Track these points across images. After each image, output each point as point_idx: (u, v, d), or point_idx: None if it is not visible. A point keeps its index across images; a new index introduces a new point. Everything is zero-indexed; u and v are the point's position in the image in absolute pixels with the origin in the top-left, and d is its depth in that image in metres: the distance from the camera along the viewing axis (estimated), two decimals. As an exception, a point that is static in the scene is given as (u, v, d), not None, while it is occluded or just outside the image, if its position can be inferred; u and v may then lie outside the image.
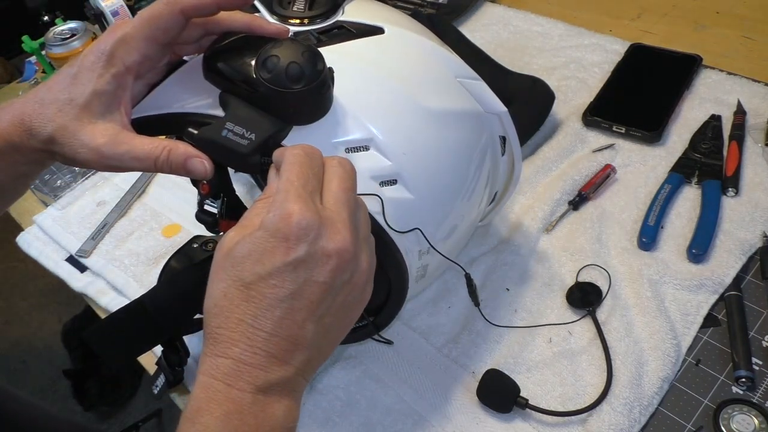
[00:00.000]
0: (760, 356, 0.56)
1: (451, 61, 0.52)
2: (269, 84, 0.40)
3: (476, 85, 0.53)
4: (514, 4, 1.03)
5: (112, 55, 0.42)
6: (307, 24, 0.48)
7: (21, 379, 1.69)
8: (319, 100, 0.42)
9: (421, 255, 0.50)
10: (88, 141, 0.41)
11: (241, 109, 0.42)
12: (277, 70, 0.40)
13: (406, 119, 0.46)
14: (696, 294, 0.61)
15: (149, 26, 0.43)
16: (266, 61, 0.40)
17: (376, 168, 0.44)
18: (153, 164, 0.42)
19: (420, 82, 0.48)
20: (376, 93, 0.46)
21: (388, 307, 0.52)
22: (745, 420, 0.52)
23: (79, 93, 0.42)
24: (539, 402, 0.55)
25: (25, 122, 0.42)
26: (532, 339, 0.60)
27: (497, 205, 0.64)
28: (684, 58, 0.85)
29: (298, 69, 0.40)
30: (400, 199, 0.46)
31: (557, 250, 0.67)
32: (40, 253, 0.79)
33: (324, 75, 0.41)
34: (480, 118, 0.53)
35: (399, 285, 0.50)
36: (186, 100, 0.45)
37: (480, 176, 0.54)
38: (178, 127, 0.44)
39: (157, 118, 0.45)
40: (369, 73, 0.47)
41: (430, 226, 0.49)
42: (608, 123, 0.78)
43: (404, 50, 0.50)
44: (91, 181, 0.87)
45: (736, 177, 0.70)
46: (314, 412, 0.58)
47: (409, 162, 0.46)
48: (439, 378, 0.59)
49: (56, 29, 0.95)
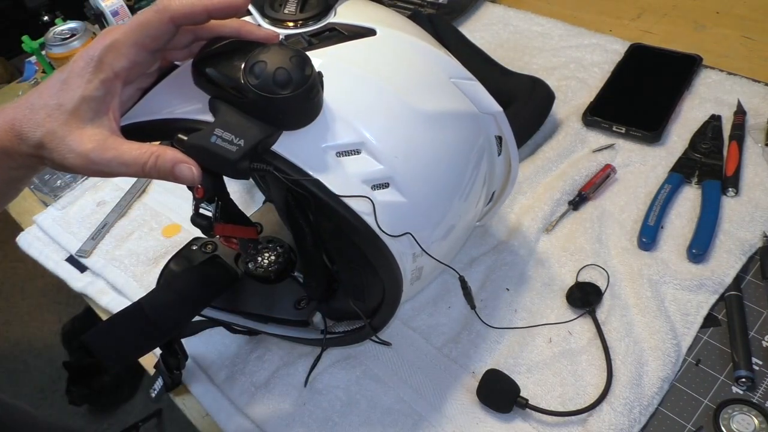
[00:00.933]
0: (760, 356, 0.56)
1: (445, 62, 0.52)
2: (257, 90, 0.40)
3: (471, 86, 0.53)
4: (514, 4, 1.03)
5: (101, 61, 0.42)
6: (299, 26, 0.48)
7: (21, 379, 1.69)
8: (308, 105, 0.42)
9: (415, 258, 0.50)
10: (76, 146, 0.42)
11: (231, 115, 0.41)
12: (265, 76, 0.40)
13: (398, 122, 0.46)
14: (696, 294, 0.61)
15: (139, 33, 0.43)
16: (254, 66, 0.40)
17: (367, 172, 0.44)
18: (141, 170, 0.42)
19: (412, 84, 0.48)
20: (367, 96, 0.46)
21: (383, 309, 0.52)
22: (745, 420, 0.52)
23: (68, 98, 0.42)
24: (539, 402, 0.55)
25: (15, 127, 0.43)
26: (532, 339, 0.60)
27: (495, 205, 0.64)
28: (684, 58, 0.85)
29: (285, 74, 0.40)
30: (393, 202, 0.45)
31: (557, 250, 0.67)
32: (40, 253, 0.79)
33: (312, 80, 0.41)
34: (475, 119, 0.53)
35: (393, 288, 0.50)
36: (176, 106, 0.44)
37: (477, 177, 0.53)
38: (168, 133, 0.44)
39: (147, 124, 0.45)
40: (360, 76, 0.46)
41: (424, 229, 0.49)
42: (608, 123, 0.78)
43: (396, 52, 0.49)
44: (91, 181, 0.87)
45: (736, 177, 0.70)
46: (314, 412, 0.58)
47: (402, 165, 0.45)
48: (439, 378, 0.59)
49: (56, 29, 0.95)
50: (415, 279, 0.53)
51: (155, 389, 0.58)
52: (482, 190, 0.56)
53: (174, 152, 0.42)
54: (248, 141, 0.40)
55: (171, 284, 0.55)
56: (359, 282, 0.52)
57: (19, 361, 1.74)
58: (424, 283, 0.59)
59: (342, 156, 0.44)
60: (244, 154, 0.40)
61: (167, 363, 0.58)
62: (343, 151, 0.44)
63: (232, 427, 0.59)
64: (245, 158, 0.40)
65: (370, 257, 0.46)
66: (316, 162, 0.43)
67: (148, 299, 0.53)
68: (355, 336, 0.57)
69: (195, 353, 0.63)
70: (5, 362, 1.74)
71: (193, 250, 0.60)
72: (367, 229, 0.44)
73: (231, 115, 0.41)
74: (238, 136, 0.40)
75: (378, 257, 0.46)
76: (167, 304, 0.53)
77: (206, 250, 0.60)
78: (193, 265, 0.59)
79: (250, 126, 0.41)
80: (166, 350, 0.57)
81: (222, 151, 0.40)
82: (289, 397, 0.60)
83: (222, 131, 0.41)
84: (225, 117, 0.41)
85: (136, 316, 0.52)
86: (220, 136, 0.41)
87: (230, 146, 0.40)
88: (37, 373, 1.69)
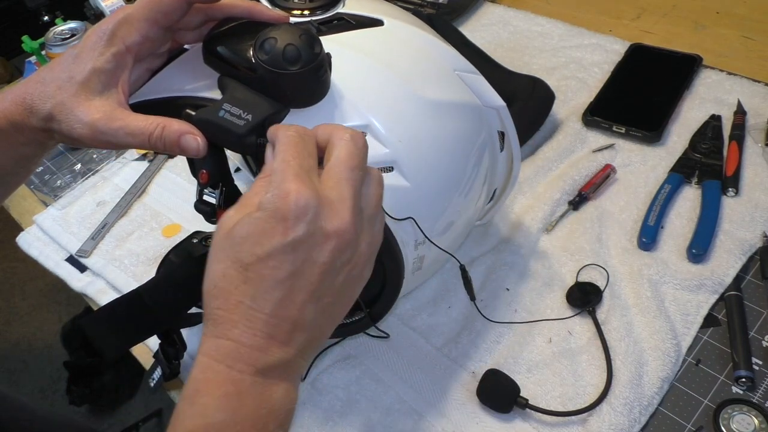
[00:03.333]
0: (760, 356, 0.56)
1: (450, 55, 0.53)
2: (266, 65, 0.40)
3: (475, 79, 0.53)
4: (514, 4, 1.03)
5: (114, 34, 0.43)
6: (308, 15, 0.49)
7: (21, 379, 1.69)
8: (316, 83, 0.43)
9: (417, 246, 0.50)
10: (83, 116, 0.42)
11: (239, 91, 0.42)
12: (275, 52, 0.40)
13: (404, 108, 0.47)
14: (696, 294, 0.61)
15: (151, 8, 0.43)
16: (264, 43, 0.41)
17: (372, 154, 0.44)
18: (147, 140, 0.42)
19: (418, 73, 0.49)
20: (374, 81, 0.47)
21: (384, 297, 0.52)
22: (745, 420, 0.52)
23: (79, 71, 0.43)
24: (539, 402, 0.55)
25: (26, 101, 0.44)
26: (532, 339, 0.60)
27: (496, 203, 0.64)
28: (684, 58, 0.85)
29: (295, 51, 0.40)
30: (397, 186, 0.46)
31: (557, 250, 0.67)
32: (40, 253, 0.79)
33: (321, 58, 0.41)
34: (478, 112, 0.53)
35: (394, 275, 0.50)
36: (185, 85, 0.45)
37: (478, 171, 0.54)
38: (176, 110, 0.44)
39: (155, 102, 0.46)
40: (367, 62, 0.47)
41: (426, 219, 0.49)
42: (608, 123, 0.78)
43: (403, 42, 0.50)
44: (91, 181, 0.87)
45: (736, 177, 0.70)
46: (314, 412, 0.58)
47: (406, 150, 0.46)
48: (439, 378, 0.59)
49: (56, 29, 0.95)
50: (416, 269, 0.53)
51: (154, 378, 0.58)
52: (483, 187, 0.56)
53: (180, 123, 0.43)
54: (256, 116, 0.41)
55: (170, 274, 0.56)
56: None
57: (19, 361, 1.74)
58: (425, 276, 0.59)
59: None
60: (251, 128, 0.41)
61: (166, 353, 0.58)
62: None
63: (232, 427, 0.59)
64: (252, 132, 0.41)
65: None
66: None
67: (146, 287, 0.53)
68: (352, 327, 0.57)
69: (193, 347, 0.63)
70: (5, 362, 1.74)
71: (194, 243, 0.60)
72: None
73: (240, 92, 0.42)
74: (246, 111, 0.41)
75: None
76: (166, 292, 0.53)
77: (207, 243, 0.60)
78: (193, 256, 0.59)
79: (258, 102, 0.42)
80: (164, 340, 0.57)
81: (230, 125, 0.41)
82: (289, 397, 0.60)
83: (230, 106, 0.41)
84: (234, 93, 0.42)
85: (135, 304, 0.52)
86: (228, 110, 0.41)
87: (238, 120, 0.41)
88: (37, 373, 1.69)
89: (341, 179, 0.36)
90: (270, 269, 0.34)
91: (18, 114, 0.44)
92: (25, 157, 0.49)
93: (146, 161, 0.88)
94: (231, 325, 0.35)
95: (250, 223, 0.35)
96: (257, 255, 0.34)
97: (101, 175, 0.87)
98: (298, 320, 0.35)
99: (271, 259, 0.34)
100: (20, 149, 0.47)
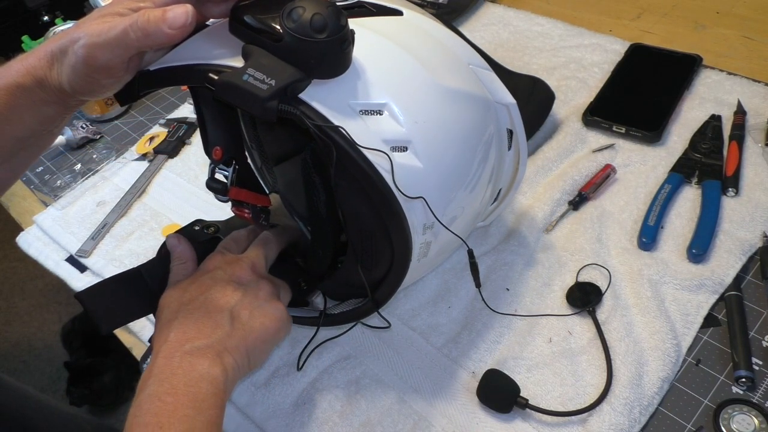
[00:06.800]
0: (760, 356, 0.56)
1: (465, 48, 0.54)
2: (293, 32, 0.41)
3: (487, 75, 0.55)
4: (514, 4, 1.03)
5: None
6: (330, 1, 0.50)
7: (21, 379, 1.69)
8: (340, 55, 0.43)
9: (425, 229, 0.51)
10: (85, 33, 0.44)
11: (264, 57, 0.43)
12: (302, 20, 0.41)
13: (421, 91, 0.48)
14: (696, 294, 0.61)
15: None
16: (292, 12, 0.41)
17: (388, 131, 0.46)
18: (128, 31, 0.43)
19: (435, 60, 0.50)
20: (393, 63, 0.48)
21: (389, 279, 0.52)
22: (745, 420, 0.52)
23: (104, 10, 0.46)
24: (539, 402, 0.55)
25: (52, 52, 0.46)
26: (532, 339, 0.60)
27: (500, 204, 0.64)
28: (684, 58, 0.85)
29: (322, 20, 0.41)
30: (410, 165, 0.46)
31: (557, 250, 0.67)
32: (40, 253, 0.79)
33: (346, 30, 0.42)
34: (489, 105, 0.54)
35: (402, 254, 0.50)
36: (208, 53, 0.46)
37: (485, 166, 0.54)
38: (198, 75, 0.45)
39: (178, 68, 0.47)
40: (387, 44, 0.48)
41: (434, 205, 0.49)
42: (608, 123, 0.78)
43: (422, 30, 0.52)
44: (91, 181, 0.87)
45: (736, 177, 0.70)
46: (314, 412, 0.58)
47: (421, 131, 0.47)
48: (439, 378, 0.59)
49: (56, 29, 0.95)
50: (422, 255, 0.53)
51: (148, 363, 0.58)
52: (489, 184, 0.56)
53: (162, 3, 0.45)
54: (279, 82, 0.42)
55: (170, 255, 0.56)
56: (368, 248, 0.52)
57: (19, 361, 1.74)
58: (430, 266, 0.59)
59: (365, 114, 0.45)
60: (274, 93, 0.41)
61: None
62: (367, 110, 0.45)
63: (231, 427, 0.59)
64: (274, 97, 0.42)
65: (383, 216, 0.47)
66: (341, 115, 0.44)
67: (147, 266, 0.55)
68: (355, 313, 0.57)
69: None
70: (5, 362, 1.74)
71: (195, 230, 0.60)
72: (384, 185, 0.45)
73: (265, 58, 0.43)
74: (269, 77, 0.42)
75: (391, 217, 0.47)
76: (165, 272, 0.55)
77: (208, 231, 0.61)
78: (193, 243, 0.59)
79: (282, 68, 0.42)
80: None
81: (253, 89, 0.42)
82: (288, 397, 0.60)
83: (254, 71, 0.42)
84: (258, 59, 0.43)
85: (134, 281, 0.54)
86: (252, 75, 0.42)
87: (261, 84, 0.42)
88: (37, 373, 1.70)
89: (250, 253, 0.57)
90: (201, 294, 0.51)
91: (41, 68, 0.46)
92: (48, 118, 0.50)
93: (146, 161, 0.88)
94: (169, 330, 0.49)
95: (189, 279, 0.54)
96: (192, 292, 0.51)
97: (101, 175, 0.87)
98: (218, 322, 0.49)
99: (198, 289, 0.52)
100: (43, 108, 0.48)
